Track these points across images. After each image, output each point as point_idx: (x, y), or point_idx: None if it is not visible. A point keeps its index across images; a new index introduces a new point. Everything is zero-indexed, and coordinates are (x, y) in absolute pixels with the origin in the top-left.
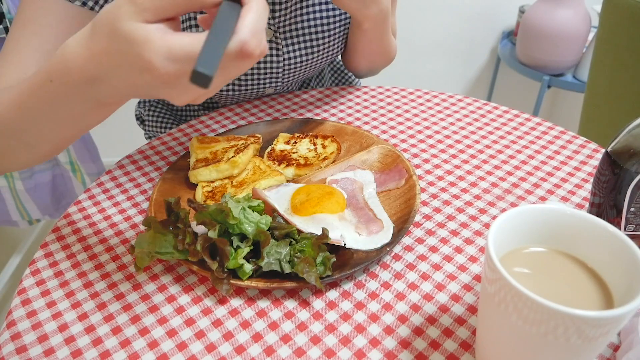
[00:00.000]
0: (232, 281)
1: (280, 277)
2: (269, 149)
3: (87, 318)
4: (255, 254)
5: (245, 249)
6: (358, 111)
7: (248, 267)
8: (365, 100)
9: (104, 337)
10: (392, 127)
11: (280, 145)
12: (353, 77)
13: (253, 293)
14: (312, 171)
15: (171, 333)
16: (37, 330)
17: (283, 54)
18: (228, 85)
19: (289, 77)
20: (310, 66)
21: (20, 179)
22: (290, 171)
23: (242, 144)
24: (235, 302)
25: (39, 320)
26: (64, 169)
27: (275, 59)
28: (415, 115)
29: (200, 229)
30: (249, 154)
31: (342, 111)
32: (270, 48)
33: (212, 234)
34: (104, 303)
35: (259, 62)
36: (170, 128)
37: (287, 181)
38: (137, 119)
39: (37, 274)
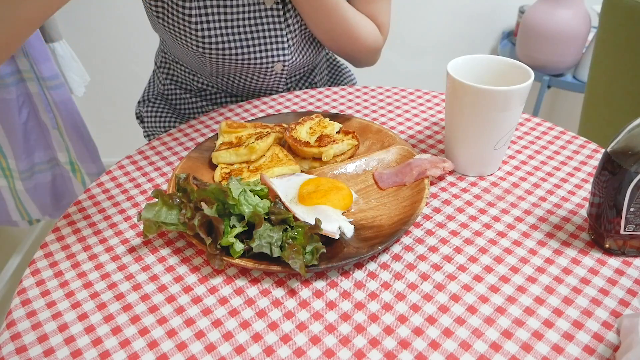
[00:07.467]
0: (224, 258)
1: (270, 260)
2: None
3: (87, 318)
4: (250, 236)
5: (238, 229)
6: (366, 107)
7: (239, 246)
8: (366, 100)
9: (104, 337)
10: (392, 127)
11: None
12: (349, 72)
13: (253, 293)
14: (327, 165)
15: (171, 333)
16: (37, 330)
17: (287, 19)
18: (233, 58)
19: (295, 49)
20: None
21: (20, 179)
22: (306, 163)
23: (267, 131)
24: (235, 302)
25: (39, 320)
26: (64, 169)
27: (278, 26)
28: (415, 115)
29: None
30: (267, 142)
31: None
32: (274, 15)
33: (209, 211)
34: (104, 303)
35: (263, 30)
36: (169, 123)
37: (302, 172)
38: (137, 117)
39: (37, 274)
